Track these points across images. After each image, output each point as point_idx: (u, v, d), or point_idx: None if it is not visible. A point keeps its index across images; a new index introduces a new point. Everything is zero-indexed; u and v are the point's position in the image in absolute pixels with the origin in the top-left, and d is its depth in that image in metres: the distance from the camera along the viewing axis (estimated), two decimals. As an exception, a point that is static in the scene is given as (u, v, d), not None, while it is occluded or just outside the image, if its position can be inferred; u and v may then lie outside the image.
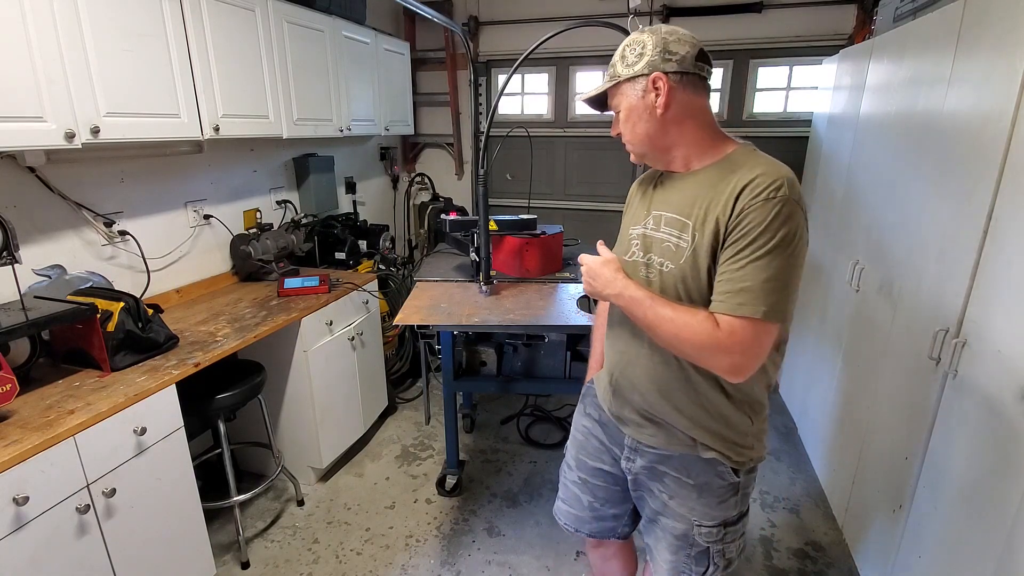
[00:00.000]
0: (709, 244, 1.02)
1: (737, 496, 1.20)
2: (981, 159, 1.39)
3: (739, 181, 1.01)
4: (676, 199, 1.12)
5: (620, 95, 1.12)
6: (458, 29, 2.62)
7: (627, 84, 1.10)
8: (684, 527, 1.22)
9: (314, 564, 2.08)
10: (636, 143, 1.14)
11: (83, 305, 1.61)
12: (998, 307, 1.31)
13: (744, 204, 0.98)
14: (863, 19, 3.04)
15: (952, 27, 1.58)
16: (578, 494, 1.43)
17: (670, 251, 1.09)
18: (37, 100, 1.49)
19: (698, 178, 1.10)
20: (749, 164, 1.04)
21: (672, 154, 1.13)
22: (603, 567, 1.60)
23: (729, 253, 0.99)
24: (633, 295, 1.08)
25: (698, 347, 1.01)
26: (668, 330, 1.03)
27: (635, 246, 1.18)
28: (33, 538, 1.32)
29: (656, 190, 1.20)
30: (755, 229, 0.96)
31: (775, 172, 1.00)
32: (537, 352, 2.31)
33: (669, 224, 1.11)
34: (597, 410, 1.36)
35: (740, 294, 0.97)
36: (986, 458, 1.32)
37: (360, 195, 3.57)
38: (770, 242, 0.96)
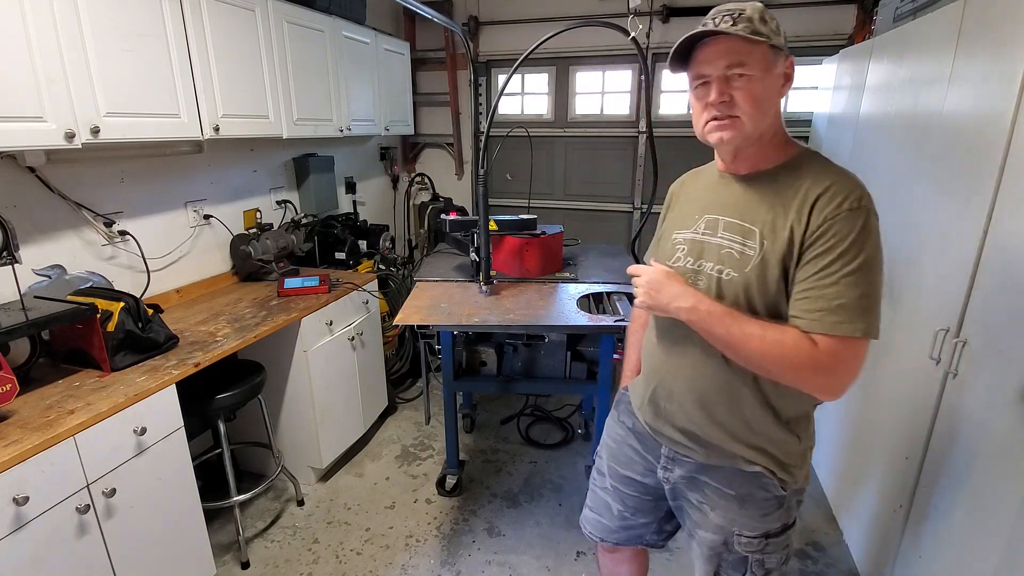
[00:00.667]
0: (780, 253, 0.98)
1: (782, 509, 1.15)
2: (981, 159, 1.39)
3: (811, 188, 0.98)
4: (736, 203, 1.07)
5: (754, 57, 0.96)
6: (458, 29, 2.62)
7: (770, 50, 0.98)
8: (722, 538, 1.17)
9: (314, 564, 2.08)
10: (752, 116, 0.98)
11: (83, 305, 1.61)
12: (998, 307, 1.31)
13: (825, 215, 0.94)
14: (863, 19, 3.04)
15: (952, 27, 1.58)
16: (608, 502, 1.39)
17: (732, 258, 1.03)
18: (37, 100, 1.49)
19: (761, 181, 1.05)
20: (818, 170, 1.00)
21: (754, 146, 1.04)
22: (614, 570, 1.56)
23: (815, 267, 0.95)
24: (711, 309, 1.00)
25: (793, 367, 0.95)
26: (755, 348, 0.96)
27: (680, 251, 1.13)
28: (33, 538, 1.31)
29: (708, 192, 1.14)
30: (842, 242, 0.93)
31: (850, 181, 0.98)
32: (537, 352, 2.31)
33: (729, 230, 1.05)
34: (631, 418, 1.32)
35: (837, 312, 0.92)
36: (986, 458, 1.32)
37: (360, 195, 3.57)
38: (859, 256, 0.92)
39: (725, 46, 0.97)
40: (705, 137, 1.05)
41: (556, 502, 2.41)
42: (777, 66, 1.00)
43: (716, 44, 0.98)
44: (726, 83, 0.98)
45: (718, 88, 0.98)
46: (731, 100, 0.98)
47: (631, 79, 3.64)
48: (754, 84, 0.97)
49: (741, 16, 0.96)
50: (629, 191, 3.77)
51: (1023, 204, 1.24)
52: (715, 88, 0.99)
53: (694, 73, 1.02)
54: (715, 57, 0.98)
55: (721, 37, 0.97)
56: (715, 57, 0.98)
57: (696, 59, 1.01)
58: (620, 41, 2.30)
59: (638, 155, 3.67)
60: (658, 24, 3.32)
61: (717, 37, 0.97)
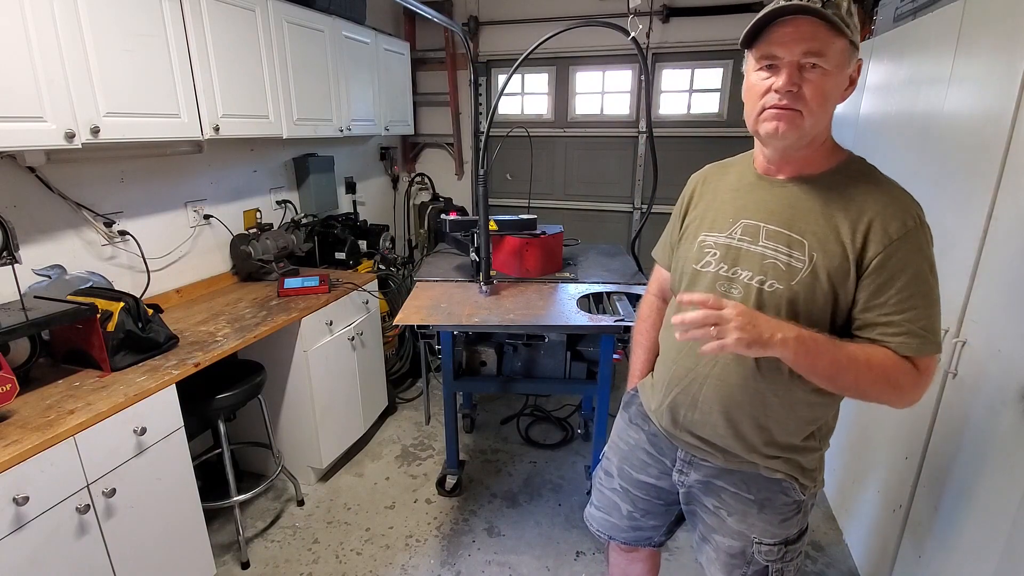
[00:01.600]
0: (831, 269, 0.95)
1: (800, 514, 1.13)
2: (981, 159, 1.39)
3: (865, 205, 0.94)
4: (781, 210, 1.00)
5: (834, 49, 0.89)
6: (458, 29, 2.62)
7: (849, 46, 0.90)
8: (741, 544, 1.14)
9: (314, 564, 2.08)
10: (815, 113, 0.92)
11: (83, 305, 1.61)
12: (998, 307, 1.31)
13: (890, 237, 0.91)
14: (863, 19, 3.04)
15: (952, 27, 1.58)
16: (617, 502, 1.35)
17: (777, 269, 0.98)
18: (37, 100, 1.49)
19: (807, 188, 0.99)
20: (869, 183, 0.97)
21: (806, 148, 0.99)
22: (626, 570, 1.53)
23: (889, 292, 0.92)
24: (816, 337, 0.91)
25: (898, 392, 0.94)
26: (864, 375, 0.92)
27: (711, 255, 1.06)
28: (33, 538, 1.31)
29: (744, 194, 1.07)
30: (911, 264, 0.92)
31: (904, 196, 0.96)
32: (537, 352, 2.31)
33: (773, 238, 0.99)
34: (646, 422, 1.27)
35: (921, 335, 0.92)
36: (986, 458, 1.32)
37: (360, 195, 3.57)
38: (927, 273, 0.93)
39: (809, 30, 0.88)
40: (758, 126, 0.96)
41: (556, 502, 2.41)
42: (850, 65, 0.93)
43: (797, 26, 0.88)
44: (798, 71, 0.90)
45: (788, 74, 0.90)
46: (799, 91, 0.90)
47: (631, 79, 3.64)
48: (827, 79, 0.90)
49: (835, 5, 0.87)
50: (629, 191, 3.77)
51: (1023, 204, 1.24)
52: (785, 73, 0.90)
53: (762, 52, 0.93)
54: (793, 40, 0.89)
55: (803, 20, 0.87)
56: (793, 40, 0.89)
57: (769, 38, 0.91)
58: (620, 41, 2.30)
59: (638, 155, 3.67)
60: (658, 24, 3.33)
61: (798, 20, 0.88)
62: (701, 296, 0.90)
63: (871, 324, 0.95)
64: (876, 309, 0.94)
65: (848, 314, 0.98)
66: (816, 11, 0.86)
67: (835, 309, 0.97)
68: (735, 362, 1.04)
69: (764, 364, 1.02)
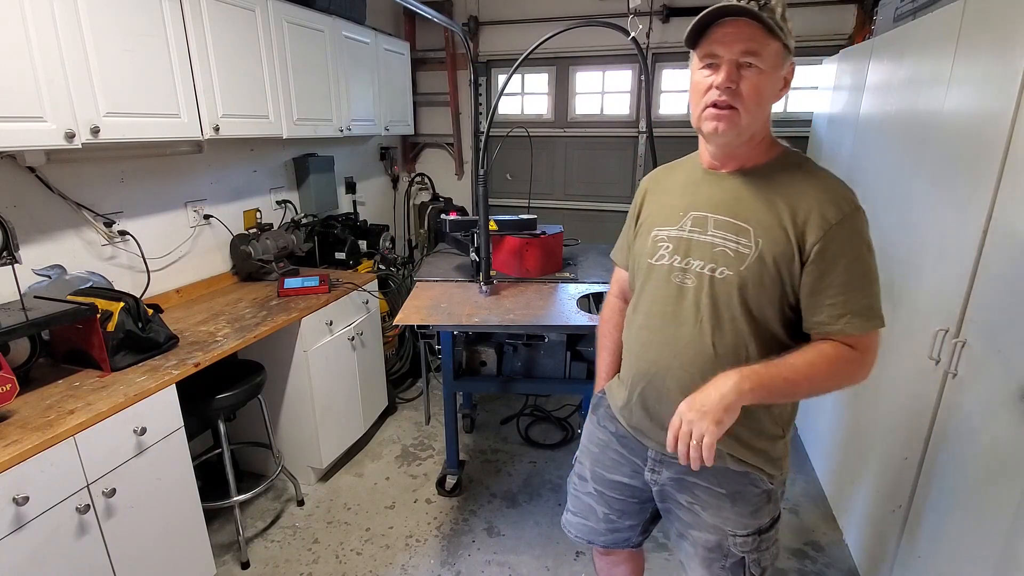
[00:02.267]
0: (776, 253, 1.00)
1: (771, 503, 1.16)
2: (981, 159, 1.39)
3: (803, 193, 1.00)
4: (726, 200, 1.06)
5: (769, 51, 0.95)
6: (458, 29, 2.62)
7: (783, 49, 0.97)
8: (717, 538, 1.16)
9: (314, 564, 2.08)
10: (751, 111, 0.98)
11: (83, 305, 1.61)
12: (998, 307, 1.31)
13: (828, 223, 0.97)
14: (863, 19, 3.04)
15: (952, 27, 1.58)
16: (592, 506, 1.36)
17: (726, 256, 1.04)
18: (37, 100, 1.49)
19: (749, 179, 1.06)
20: (805, 172, 1.03)
21: (746, 145, 1.05)
22: (610, 573, 1.55)
23: (831, 276, 0.98)
24: (760, 378, 0.96)
25: (845, 376, 1.01)
26: (815, 381, 0.99)
27: (664, 248, 1.11)
28: (33, 538, 1.32)
29: (691, 189, 1.12)
30: (850, 249, 0.98)
31: (838, 183, 1.02)
32: (537, 352, 2.31)
33: (721, 227, 1.05)
34: (613, 423, 1.30)
35: (865, 313, 0.98)
36: (986, 458, 1.32)
37: (360, 195, 3.57)
38: (866, 255, 0.99)
39: (746, 31, 0.94)
40: (701, 124, 1.02)
41: (555, 502, 2.41)
42: (783, 67, 1.00)
43: (736, 27, 0.95)
44: (736, 69, 0.96)
45: (727, 71, 0.96)
46: (736, 89, 0.96)
47: (631, 79, 3.64)
48: (762, 79, 0.97)
49: (767, 5, 0.94)
50: (629, 191, 3.77)
51: (1023, 204, 1.24)
52: (724, 71, 0.96)
53: (705, 51, 0.99)
54: (733, 40, 0.95)
55: (742, 22, 0.94)
56: (733, 40, 0.95)
57: (710, 37, 0.97)
58: (620, 41, 2.30)
59: (638, 155, 3.67)
60: (658, 24, 3.32)
61: (737, 21, 0.94)
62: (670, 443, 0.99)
63: (818, 307, 1.00)
64: (821, 293, 1.00)
65: (796, 298, 1.03)
66: (753, 13, 0.92)
67: (782, 292, 1.02)
68: (695, 354, 1.08)
69: (722, 353, 1.06)
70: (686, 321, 1.08)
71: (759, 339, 1.05)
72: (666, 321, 1.11)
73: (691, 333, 1.08)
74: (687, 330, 1.08)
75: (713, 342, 1.06)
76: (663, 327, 1.12)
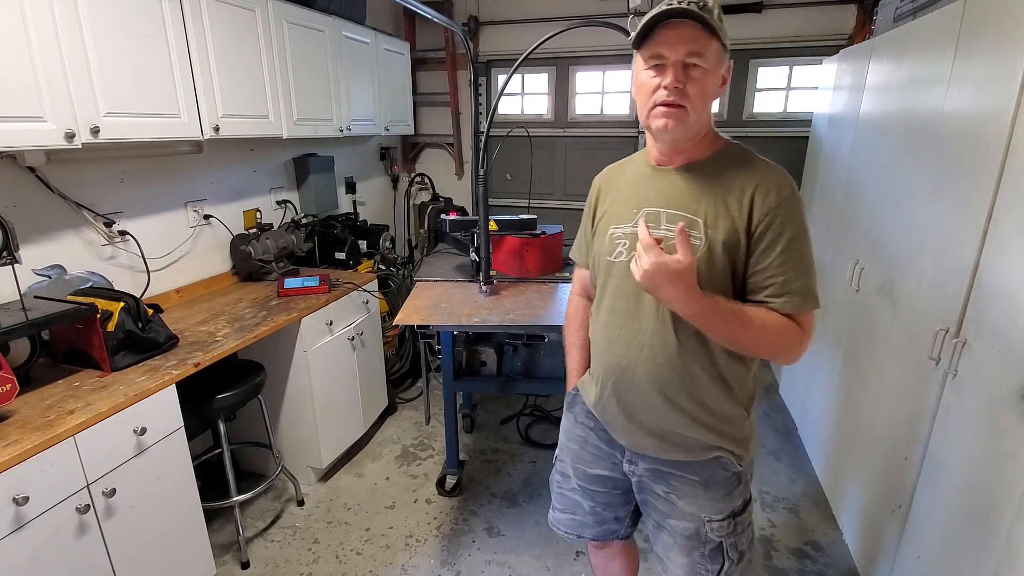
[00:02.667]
0: (724, 241, 1.05)
1: (741, 485, 1.21)
2: (981, 159, 1.39)
3: (747, 181, 1.06)
4: (676, 195, 1.11)
5: (710, 51, 1.01)
6: (458, 29, 2.62)
7: (722, 48, 1.02)
8: (695, 525, 1.21)
9: (314, 564, 2.08)
10: (698, 109, 1.03)
11: (83, 305, 1.61)
12: (998, 307, 1.31)
13: (768, 207, 1.03)
14: (863, 19, 3.05)
15: (952, 27, 1.58)
16: (579, 500, 1.40)
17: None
18: (37, 100, 1.49)
19: (696, 173, 1.10)
20: (747, 162, 1.09)
21: (692, 140, 1.09)
22: (606, 567, 1.59)
23: (772, 255, 1.04)
24: (731, 307, 1.02)
25: (786, 351, 1.07)
26: (754, 333, 1.03)
27: (622, 245, 1.16)
28: (33, 538, 1.32)
29: (642, 185, 1.17)
30: (788, 230, 1.03)
31: (778, 171, 1.08)
32: (537, 352, 2.31)
33: (673, 221, 1.09)
34: (590, 418, 1.34)
35: (802, 292, 1.04)
36: (986, 458, 1.32)
37: (360, 195, 3.57)
38: (802, 237, 1.04)
39: (689, 33, 0.99)
40: (649, 121, 1.06)
41: (556, 502, 2.41)
42: (722, 66, 1.05)
43: (679, 29, 0.99)
44: (683, 70, 1.00)
45: (675, 72, 1.00)
46: (683, 88, 1.01)
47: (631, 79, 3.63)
48: (706, 77, 1.02)
49: (705, 7, 0.98)
50: (629, 191, 3.77)
51: (1023, 204, 1.24)
52: (672, 72, 1.00)
53: (651, 53, 1.03)
54: (677, 42, 0.99)
55: (686, 24, 0.98)
56: (677, 42, 0.99)
57: (656, 39, 1.01)
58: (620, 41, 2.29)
59: (638, 155, 3.66)
60: (658, 24, 3.32)
61: (681, 23, 0.99)
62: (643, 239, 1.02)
63: (759, 287, 1.06)
64: (761, 272, 1.05)
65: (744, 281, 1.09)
66: (695, 14, 0.97)
67: (734, 277, 1.08)
68: (660, 345, 1.12)
69: (685, 341, 1.10)
70: (648, 314, 1.12)
71: None
72: (629, 316, 1.15)
73: (654, 325, 1.12)
74: (650, 323, 1.12)
75: (676, 332, 1.10)
76: (627, 322, 1.16)
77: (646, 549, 2.12)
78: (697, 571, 1.23)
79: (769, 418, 3.02)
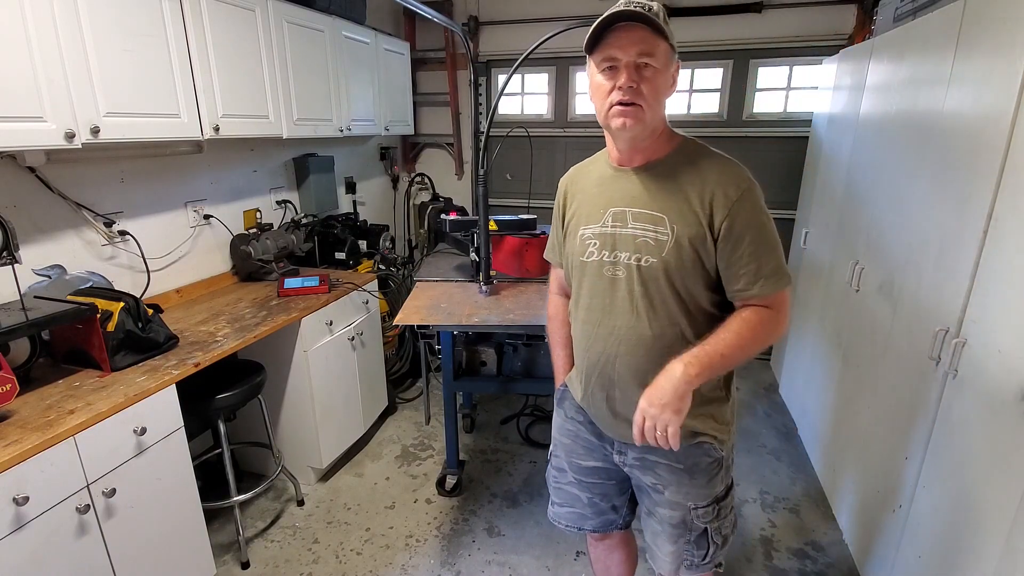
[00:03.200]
0: (691, 235, 1.09)
1: (723, 470, 1.24)
2: (981, 159, 1.39)
3: (706, 177, 1.10)
4: (640, 194, 1.14)
5: (659, 51, 1.04)
6: (458, 29, 2.62)
7: (669, 48, 1.07)
8: (681, 514, 1.25)
9: (314, 564, 2.08)
10: (652, 107, 1.06)
11: (83, 305, 1.61)
12: (998, 307, 1.31)
13: (730, 200, 1.07)
14: (863, 19, 3.05)
15: (952, 27, 1.58)
16: (577, 493, 1.43)
17: (648, 246, 1.12)
18: (37, 100, 1.49)
19: (657, 171, 1.14)
20: (705, 158, 1.13)
21: (649, 139, 1.13)
22: (607, 559, 1.61)
23: (741, 248, 1.08)
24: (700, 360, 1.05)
25: (768, 337, 1.11)
26: (745, 347, 1.08)
27: (592, 245, 1.19)
28: (33, 538, 1.32)
29: (607, 187, 1.20)
30: (753, 220, 1.08)
31: (734, 164, 1.12)
32: (537, 352, 2.31)
33: (639, 220, 1.13)
34: (580, 412, 1.36)
35: (773, 275, 1.09)
36: (986, 458, 1.32)
37: (360, 195, 3.57)
38: (766, 223, 1.09)
39: (638, 35, 1.03)
40: (608, 121, 1.10)
41: (556, 502, 2.41)
42: (671, 66, 1.09)
43: (629, 32, 1.03)
44: (635, 70, 1.04)
45: (628, 73, 1.04)
46: (637, 87, 1.04)
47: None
48: (658, 76, 1.06)
49: (651, 10, 1.03)
50: (629, 191, 3.77)
51: (1023, 204, 1.24)
52: (626, 73, 1.04)
53: (604, 55, 1.06)
54: (629, 44, 1.03)
55: (635, 27, 1.02)
56: (629, 44, 1.03)
57: (607, 43, 1.05)
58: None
59: (638, 155, 3.66)
60: (658, 24, 3.32)
61: (630, 26, 1.03)
62: (636, 438, 1.08)
63: (735, 277, 1.11)
64: (735, 264, 1.10)
65: (716, 273, 1.13)
66: (645, 17, 1.01)
67: (703, 269, 1.12)
68: (637, 339, 1.16)
69: (660, 334, 1.14)
70: (623, 310, 1.16)
71: (690, 315, 1.14)
72: (605, 313, 1.19)
73: (629, 320, 1.16)
74: (625, 318, 1.16)
75: (650, 325, 1.14)
76: (603, 319, 1.19)
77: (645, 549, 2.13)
78: (684, 557, 1.29)
79: (769, 418, 3.02)
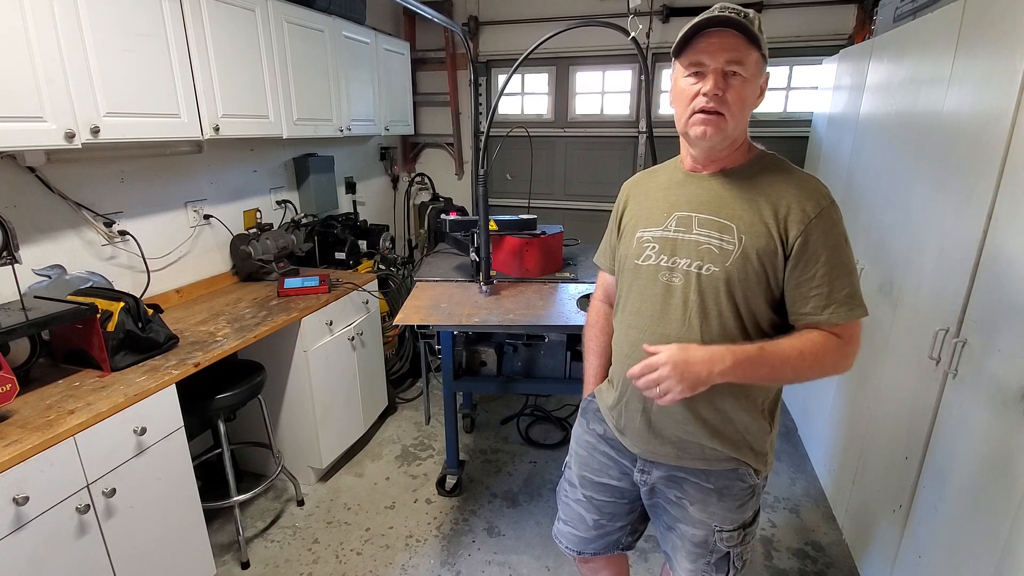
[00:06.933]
0: (759, 248, 1.03)
1: (754, 498, 1.19)
2: (981, 159, 1.39)
3: (782, 192, 1.05)
4: (709, 200, 1.10)
5: (750, 60, 1.01)
6: (458, 29, 2.62)
7: (761, 58, 1.03)
8: (704, 533, 1.19)
9: (314, 564, 2.08)
10: (736, 117, 1.03)
11: (83, 305, 1.61)
12: (998, 307, 1.31)
13: (807, 218, 1.02)
14: (863, 19, 3.04)
15: (952, 27, 1.58)
16: (582, 513, 1.37)
17: (712, 253, 1.06)
18: (37, 100, 1.49)
19: (730, 179, 1.10)
20: (782, 171, 1.08)
21: (728, 148, 1.09)
22: None
23: (815, 267, 1.02)
24: (748, 355, 0.99)
25: (830, 365, 1.04)
26: (802, 369, 1.02)
27: (651, 249, 1.14)
28: (33, 538, 1.32)
29: (674, 190, 1.16)
30: (830, 240, 1.02)
31: (813, 181, 1.07)
32: (537, 352, 2.31)
33: (705, 226, 1.08)
34: (602, 424, 1.31)
35: (848, 301, 1.02)
36: (986, 458, 1.32)
37: (360, 195, 3.57)
38: (844, 245, 1.04)
39: (731, 41, 0.99)
40: (688, 128, 1.06)
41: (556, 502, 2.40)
42: (761, 76, 1.05)
43: (721, 37, 0.99)
44: (722, 78, 1.00)
45: (715, 79, 1.00)
46: (723, 96, 1.00)
47: (631, 79, 3.64)
48: (745, 86, 1.01)
49: (746, 16, 0.99)
50: (629, 191, 3.76)
51: (1023, 204, 1.24)
52: (712, 79, 1.00)
53: (691, 60, 1.03)
54: (718, 50, 0.99)
55: (727, 33, 0.99)
56: (718, 50, 0.99)
57: (696, 47, 1.01)
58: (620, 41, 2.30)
59: (638, 155, 3.67)
60: (658, 24, 3.32)
61: (722, 32, 0.99)
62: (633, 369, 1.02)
63: (804, 298, 1.04)
64: (805, 285, 1.04)
65: (781, 291, 1.06)
66: (738, 23, 0.97)
67: (767, 286, 1.06)
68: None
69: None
70: (674, 318, 1.10)
71: (745, 333, 1.07)
72: (654, 319, 1.13)
73: (679, 329, 1.10)
74: (676, 327, 1.10)
75: (701, 337, 1.08)
76: (651, 325, 1.13)
77: (646, 549, 2.12)
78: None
79: (769, 418, 3.02)
